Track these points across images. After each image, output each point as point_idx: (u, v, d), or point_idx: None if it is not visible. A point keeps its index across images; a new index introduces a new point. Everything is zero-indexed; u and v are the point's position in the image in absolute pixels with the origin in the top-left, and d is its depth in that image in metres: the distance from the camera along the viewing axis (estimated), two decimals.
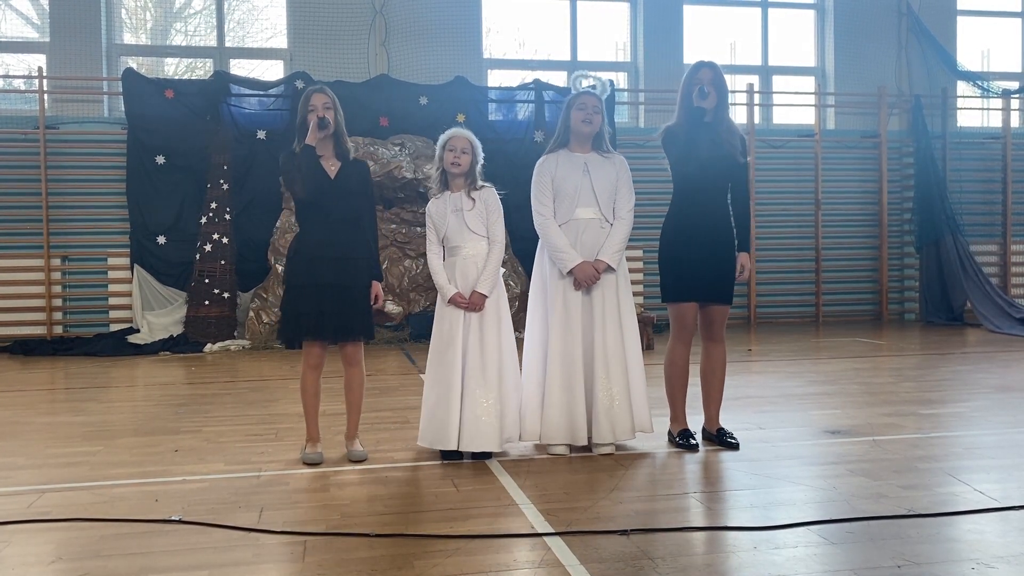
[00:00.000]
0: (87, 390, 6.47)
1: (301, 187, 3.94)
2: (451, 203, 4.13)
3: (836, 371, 6.84)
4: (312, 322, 3.95)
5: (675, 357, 4.35)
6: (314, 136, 3.94)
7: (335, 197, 3.99)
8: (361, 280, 4.03)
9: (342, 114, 4.09)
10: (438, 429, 4.01)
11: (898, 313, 11.63)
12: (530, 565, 2.70)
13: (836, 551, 2.78)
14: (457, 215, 4.10)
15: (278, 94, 9.61)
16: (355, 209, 4.05)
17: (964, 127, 11.66)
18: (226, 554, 2.83)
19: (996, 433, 4.51)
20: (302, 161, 3.92)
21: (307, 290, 3.95)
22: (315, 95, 4.00)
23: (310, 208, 4.00)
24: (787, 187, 11.22)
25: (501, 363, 4.08)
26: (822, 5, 11.55)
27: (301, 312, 3.96)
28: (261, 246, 9.34)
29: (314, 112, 3.95)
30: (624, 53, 11.21)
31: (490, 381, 4.02)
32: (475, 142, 4.17)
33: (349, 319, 3.99)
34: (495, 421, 4.00)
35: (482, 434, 3.98)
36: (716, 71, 4.22)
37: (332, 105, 4.01)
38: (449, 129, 4.21)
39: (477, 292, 4.05)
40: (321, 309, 3.94)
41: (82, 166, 9.58)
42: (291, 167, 3.95)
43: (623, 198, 4.22)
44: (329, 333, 4.00)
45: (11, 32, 10.02)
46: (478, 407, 3.98)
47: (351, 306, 3.99)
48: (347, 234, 4.00)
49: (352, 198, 4.04)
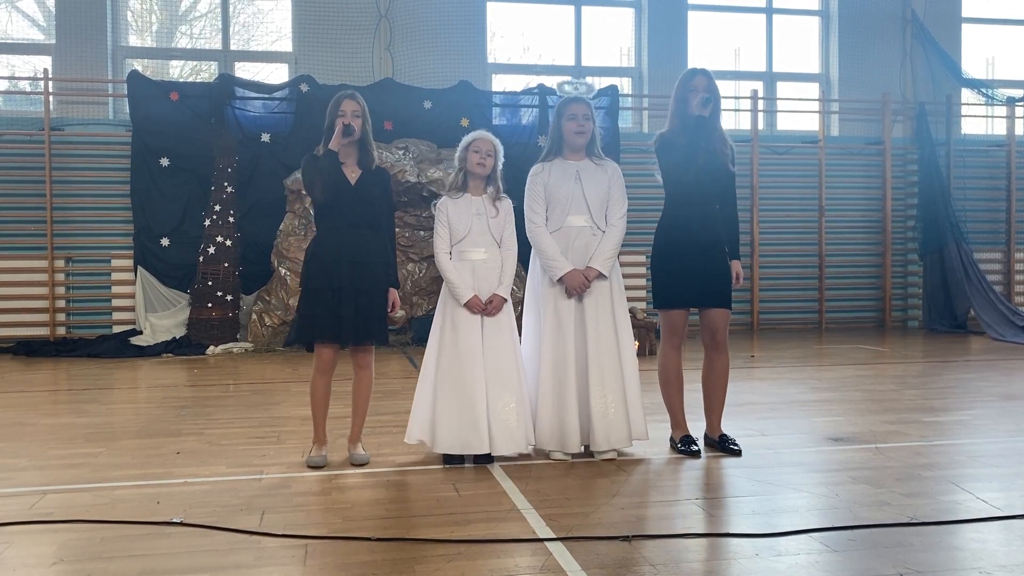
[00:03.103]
0: (89, 392, 6.47)
1: (320, 191, 3.94)
2: (473, 206, 4.12)
3: (839, 378, 6.83)
4: (328, 325, 3.95)
5: (667, 363, 4.36)
6: (338, 141, 3.94)
7: (354, 203, 3.99)
8: (378, 285, 4.02)
9: (370, 123, 4.08)
10: (466, 435, 3.97)
11: (901, 320, 11.61)
12: (531, 570, 2.69)
13: (838, 559, 2.78)
14: (480, 219, 4.09)
15: (283, 97, 9.63)
16: (374, 215, 4.05)
17: (968, 134, 11.67)
18: (227, 557, 2.83)
19: (999, 441, 4.50)
20: (323, 165, 3.92)
21: (323, 293, 3.95)
22: (346, 101, 3.98)
23: (328, 212, 4.00)
24: (791, 193, 11.21)
25: (517, 366, 4.09)
26: (827, 11, 11.55)
27: (317, 315, 3.96)
28: (264, 249, 9.35)
29: (342, 117, 3.95)
30: (628, 59, 11.20)
31: (512, 384, 4.03)
32: (499, 146, 4.17)
33: (365, 323, 3.99)
34: (519, 424, 4.01)
35: (512, 437, 3.99)
36: (710, 78, 4.24)
37: (361, 113, 4.00)
38: (474, 131, 4.19)
39: (499, 296, 4.06)
40: (338, 313, 3.93)
41: (86, 168, 9.61)
42: (312, 170, 3.96)
43: (615, 205, 4.22)
44: (345, 337, 4.00)
45: (17, 34, 10.05)
46: (504, 411, 3.99)
47: (367, 310, 3.98)
48: (365, 239, 4.00)
49: (371, 205, 4.03)
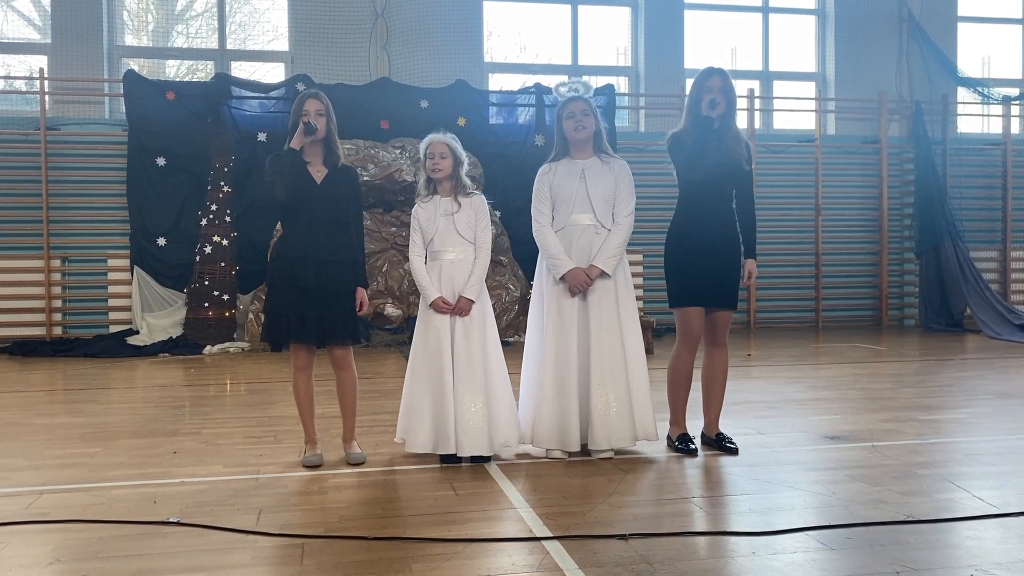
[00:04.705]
0: (86, 391, 6.46)
1: (282, 190, 3.90)
2: (441, 207, 4.13)
3: (835, 376, 6.84)
4: (294, 325, 3.93)
5: (680, 363, 4.35)
6: (299, 140, 3.91)
7: (321, 201, 3.96)
8: (344, 284, 4.00)
9: (335, 121, 4.05)
10: (435, 434, 4.02)
11: (898, 319, 11.63)
12: (528, 569, 2.69)
13: (835, 557, 2.78)
14: (447, 219, 4.10)
15: (279, 96, 9.61)
16: (341, 214, 4.02)
17: (964, 133, 11.69)
18: (224, 556, 2.83)
19: (995, 439, 4.51)
20: (285, 164, 3.90)
21: (289, 292, 3.93)
22: (308, 100, 3.97)
23: (292, 211, 3.98)
24: (787, 192, 11.22)
25: (487, 368, 4.07)
26: (823, 10, 11.56)
27: (282, 314, 3.94)
28: (261, 248, 9.34)
29: (305, 116, 3.93)
30: (625, 58, 11.21)
31: (477, 386, 4.02)
32: (454, 146, 4.13)
33: (332, 322, 3.96)
34: (484, 426, 4.01)
35: (473, 439, 3.98)
36: (725, 78, 4.22)
37: (324, 112, 3.97)
38: (429, 135, 4.15)
39: (464, 297, 4.05)
40: (303, 312, 3.91)
41: (83, 167, 9.59)
42: (274, 169, 3.93)
43: (622, 203, 4.21)
44: (311, 336, 3.96)
45: (13, 33, 10.02)
46: (468, 412, 3.99)
47: (333, 309, 3.96)
48: (331, 238, 3.97)
49: (338, 203, 4.00)
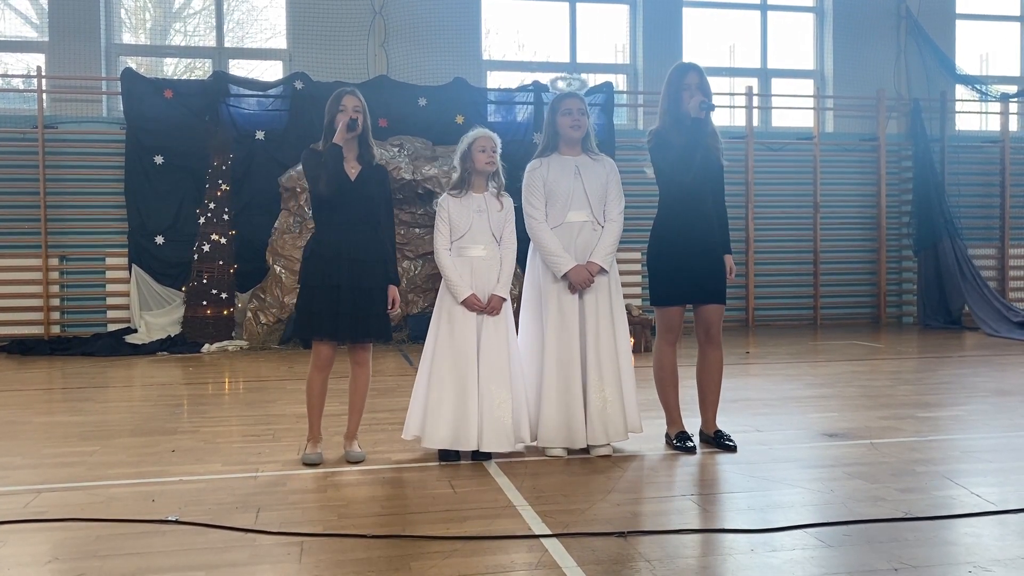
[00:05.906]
0: (84, 390, 6.46)
1: (325, 184, 3.92)
2: (475, 203, 4.11)
3: (834, 374, 6.85)
4: (327, 322, 3.95)
5: (663, 360, 4.36)
6: (342, 136, 3.94)
7: (353, 199, 3.99)
8: (377, 282, 4.02)
9: (370, 120, 4.10)
10: (456, 430, 3.99)
11: (896, 316, 11.63)
12: (527, 567, 2.70)
13: (833, 554, 2.79)
14: (482, 216, 4.09)
15: (277, 95, 9.60)
16: (373, 212, 4.05)
17: (962, 131, 11.69)
18: (223, 555, 2.83)
19: (994, 437, 4.52)
20: (327, 159, 3.92)
21: (322, 291, 3.95)
22: (347, 97, 4.00)
23: (328, 208, 4.00)
24: (786, 190, 11.22)
25: (511, 363, 4.09)
26: (821, 8, 11.56)
27: (315, 312, 3.96)
28: (259, 247, 9.33)
29: (344, 113, 3.96)
30: (623, 55, 11.21)
31: (505, 381, 4.04)
32: (499, 141, 4.18)
33: (364, 321, 3.99)
34: (510, 421, 4.02)
35: (501, 434, 3.99)
36: (702, 74, 4.23)
37: (362, 109, 4.02)
38: (473, 129, 4.16)
39: (497, 296, 4.06)
40: (336, 310, 3.94)
41: (80, 166, 9.57)
42: (315, 163, 3.96)
43: (613, 201, 4.24)
44: (344, 334, 4.00)
45: (10, 31, 10.00)
46: (497, 408, 3.99)
47: (367, 307, 3.98)
48: (364, 236, 4.00)
49: (370, 202, 4.04)
